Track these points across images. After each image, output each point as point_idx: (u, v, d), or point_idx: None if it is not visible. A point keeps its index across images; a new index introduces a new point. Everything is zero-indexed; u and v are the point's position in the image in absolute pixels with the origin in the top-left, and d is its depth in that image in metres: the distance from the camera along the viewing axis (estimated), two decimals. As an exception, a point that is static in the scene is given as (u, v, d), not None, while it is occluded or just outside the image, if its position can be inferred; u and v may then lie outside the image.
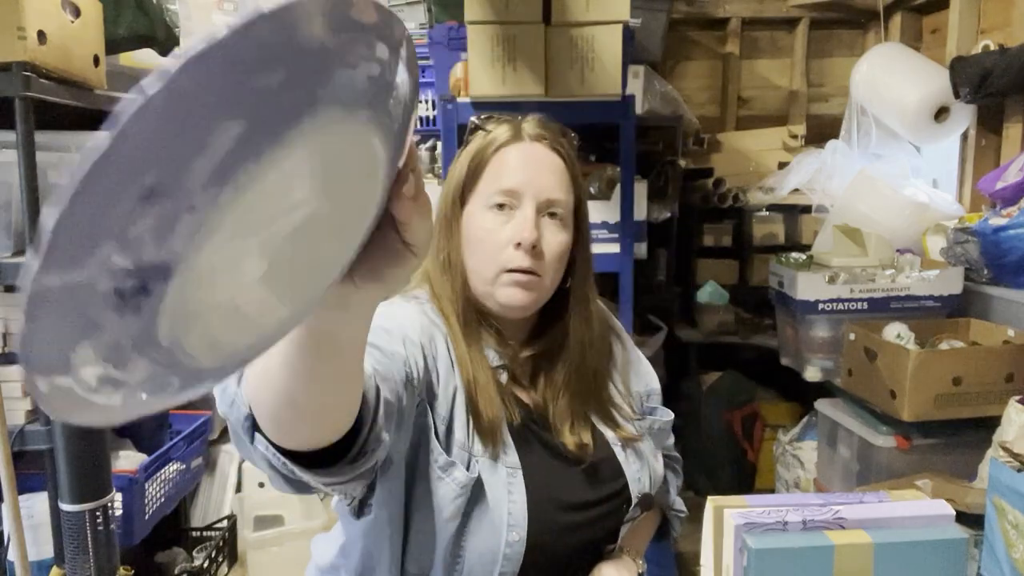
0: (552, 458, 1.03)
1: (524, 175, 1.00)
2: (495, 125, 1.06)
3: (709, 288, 3.34)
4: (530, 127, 1.05)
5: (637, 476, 1.08)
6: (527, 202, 1.00)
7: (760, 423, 3.30)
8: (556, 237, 1.02)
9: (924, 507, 0.89)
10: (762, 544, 0.84)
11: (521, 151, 1.02)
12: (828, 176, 3.14)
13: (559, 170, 1.03)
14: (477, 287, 1.03)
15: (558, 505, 1.01)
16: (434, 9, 2.29)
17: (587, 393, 1.08)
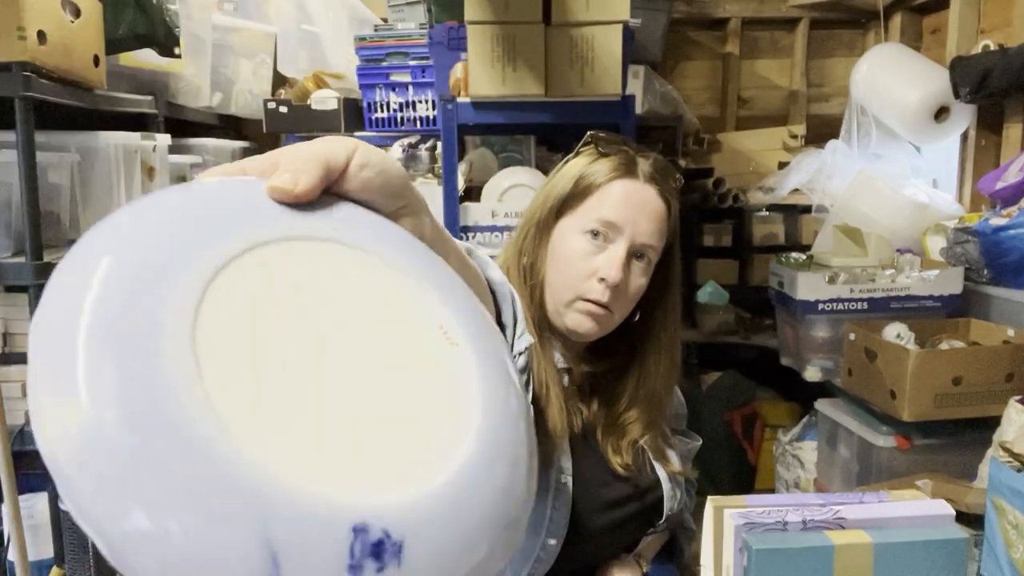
0: (600, 469, 1.04)
1: (628, 213, 1.01)
2: (609, 148, 1.05)
3: (709, 288, 3.34)
4: (646, 166, 1.05)
5: (672, 494, 1.10)
6: (622, 240, 1.01)
7: (760, 423, 3.30)
8: (638, 280, 1.04)
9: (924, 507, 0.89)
10: (762, 544, 0.84)
11: (632, 188, 1.03)
12: (828, 176, 3.14)
13: (661, 218, 1.04)
14: (550, 302, 1.05)
15: (599, 519, 1.02)
16: (434, 9, 2.29)
17: (645, 422, 1.08)
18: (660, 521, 1.09)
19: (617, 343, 1.10)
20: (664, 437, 1.12)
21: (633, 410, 1.08)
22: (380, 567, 0.35)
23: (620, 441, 1.06)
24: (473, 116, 1.98)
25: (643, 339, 1.10)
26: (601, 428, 1.07)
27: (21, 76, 1.69)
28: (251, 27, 3.02)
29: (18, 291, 1.79)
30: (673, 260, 1.09)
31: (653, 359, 1.09)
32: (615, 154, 1.04)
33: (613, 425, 1.07)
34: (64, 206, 1.99)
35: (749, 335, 3.33)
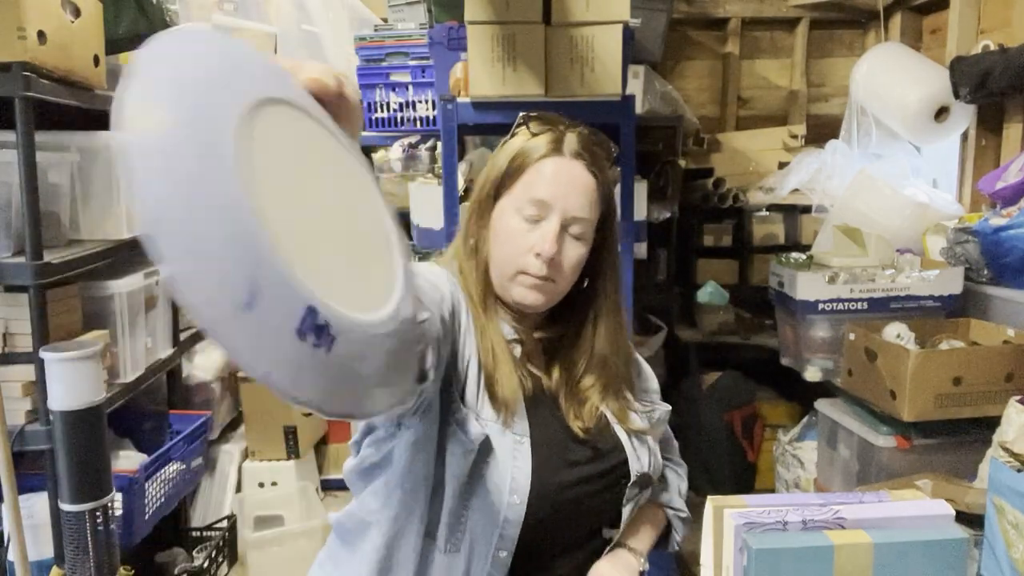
0: (560, 431, 1.09)
1: (556, 190, 1.07)
2: (541, 127, 1.11)
3: (709, 288, 3.34)
4: (572, 143, 1.10)
5: (638, 457, 1.13)
6: (554, 216, 1.07)
7: (760, 423, 3.30)
8: (574, 251, 1.09)
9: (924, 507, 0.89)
10: (762, 544, 0.84)
11: (558, 166, 1.08)
12: (828, 176, 3.14)
13: (590, 190, 1.09)
14: (496, 278, 1.11)
15: (560, 476, 1.06)
16: (434, 9, 2.29)
17: (602, 385, 1.14)
18: (629, 483, 1.11)
19: (570, 310, 1.16)
20: (625, 401, 1.17)
21: (589, 376, 1.14)
22: (317, 343, 0.53)
23: (581, 408, 1.12)
24: (473, 116, 1.98)
25: (590, 306, 1.16)
26: (563, 394, 1.13)
27: (21, 76, 1.69)
28: (251, 27, 3.02)
29: (18, 291, 1.79)
30: (611, 228, 1.15)
31: (601, 324, 1.15)
32: (546, 132, 1.10)
33: (573, 391, 1.13)
34: (64, 206, 1.99)
35: (749, 335, 3.33)
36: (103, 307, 2.06)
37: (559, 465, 1.06)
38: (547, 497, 1.03)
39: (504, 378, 1.04)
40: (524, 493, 1.02)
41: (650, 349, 3.13)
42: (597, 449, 1.10)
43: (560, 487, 1.05)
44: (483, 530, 1.02)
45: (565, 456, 1.07)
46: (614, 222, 1.16)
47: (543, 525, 1.04)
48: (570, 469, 1.07)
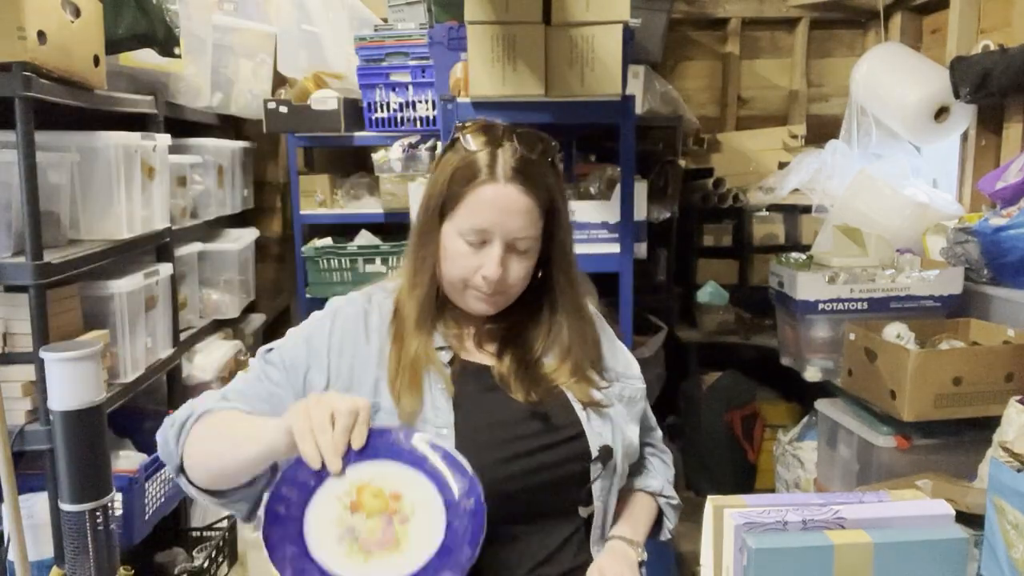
0: (504, 412, 1.13)
1: (496, 217, 1.10)
2: (477, 141, 1.12)
3: (709, 288, 3.34)
4: (506, 164, 1.10)
5: (598, 432, 1.15)
6: (496, 241, 1.11)
7: (760, 423, 3.30)
8: (521, 265, 1.14)
9: (924, 507, 0.89)
10: (762, 544, 0.84)
11: (495, 193, 1.10)
12: (828, 176, 3.14)
13: (528, 210, 1.11)
14: (447, 289, 1.17)
15: (495, 454, 1.09)
16: (434, 9, 2.29)
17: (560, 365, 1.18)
18: (594, 458, 1.13)
19: (524, 298, 1.20)
20: (588, 381, 1.19)
21: (547, 357, 1.19)
22: None
23: (536, 386, 1.15)
24: (473, 116, 1.98)
25: (545, 294, 1.20)
26: (516, 376, 1.16)
27: (21, 76, 1.69)
28: (251, 27, 3.02)
29: (18, 291, 1.79)
30: (558, 221, 1.17)
31: (559, 309, 1.19)
32: (481, 149, 1.11)
33: (528, 372, 1.17)
34: (64, 206, 1.99)
35: (749, 335, 3.33)
36: (103, 307, 2.06)
37: (493, 444, 1.10)
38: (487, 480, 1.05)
39: (405, 390, 1.10)
40: None
41: (650, 349, 3.13)
42: (549, 423, 1.13)
43: (495, 464, 1.08)
44: None
45: (505, 435, 1.11)
46: (561, 215, 1.18)
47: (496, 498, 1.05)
48: (510, 445, 1.10)
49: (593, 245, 2.06)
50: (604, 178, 2.32)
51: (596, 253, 2.05)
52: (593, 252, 2.05)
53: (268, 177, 3.49)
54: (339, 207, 3.06)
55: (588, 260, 2.07)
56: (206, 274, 2.87)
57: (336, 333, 1.15)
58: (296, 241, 3.02)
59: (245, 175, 3.22)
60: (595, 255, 2.05)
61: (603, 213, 2.06)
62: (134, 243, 2.17)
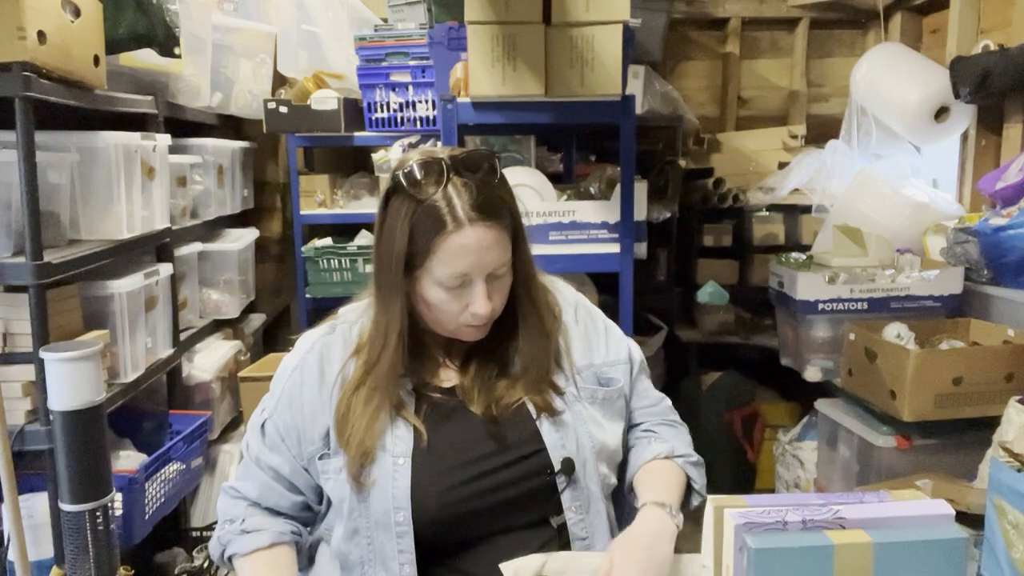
0: (463, 434, 1.14)
1: (471, 260, 1.08)
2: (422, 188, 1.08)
3: (709, 288, 3.34)
4: (464, 205, 1.07)
5: (561, 443, 1.14)
6: (478, 280, 1.10)
7: (760, 423, 3.30)
8: (502, 289, 1.14)
9: (924, 507, 0.89)
10: (762, 544, 0.84)
11: (464, 238, 1.07)
12: (828, 176, 3.14)
13: (499, 241, 1.10)
14: (434, 329, 1.17)
15: (451, 478, 1.11)
16: (434, 9, 2.29)
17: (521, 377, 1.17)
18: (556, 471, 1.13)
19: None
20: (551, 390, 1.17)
21: (512, 368, 1.18)
22: None
23: (498, 403, 1.15)
24: (473, 116, 1.98)
25: (513, 310, 1.19)
26: (477, 390, 1.16)
27: (21, 76, 1.69)
28: (251, 27, 3.02)
29: (18, 291, 1.79)
30: (519, 229, 1.15)
31: (521, 320, 1.18)
32: (430, 196, 1.07)
33: (489, 385, 1.17)
34: (64, 206, 1.99)
35: (749, 335, 3.32)
36: (103, 307, 2.06)
37: (454, 468, 1.11)
38: (435, 501, 1.10)
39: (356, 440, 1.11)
40: (407, 511, 1.09)
41: (650, 349, 3.13)
42: (508, 440, 1.13)
43: (456, 487, 1.10)
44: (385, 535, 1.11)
45: (465, 457, 1.12)
46: (519, 225, 1.16)
47: (452, 525, 1.11)
48: (471, 466, 1.11)
49: (593, 245, 2.06)
50: (604, 178, 2.32)
51: (596, 253, 2.05)
52: (593, 252, 2.05)
53: (268, 177, 3.49)
54: (339, 207, 3.06)
55: (588, 260, 2.07)
56: (206, 274, 2.87)
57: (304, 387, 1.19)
58: (296, 241, 3.02)
59: (245, 175, 3.22)
60: (595, 255, 2.05)
61: (603, 213, 2.06)
62: (134, 243, 2.17)
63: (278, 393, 1.21)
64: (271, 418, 1.20)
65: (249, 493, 1.20)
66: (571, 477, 1.14)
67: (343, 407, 1.14)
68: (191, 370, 2.67)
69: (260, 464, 1.20)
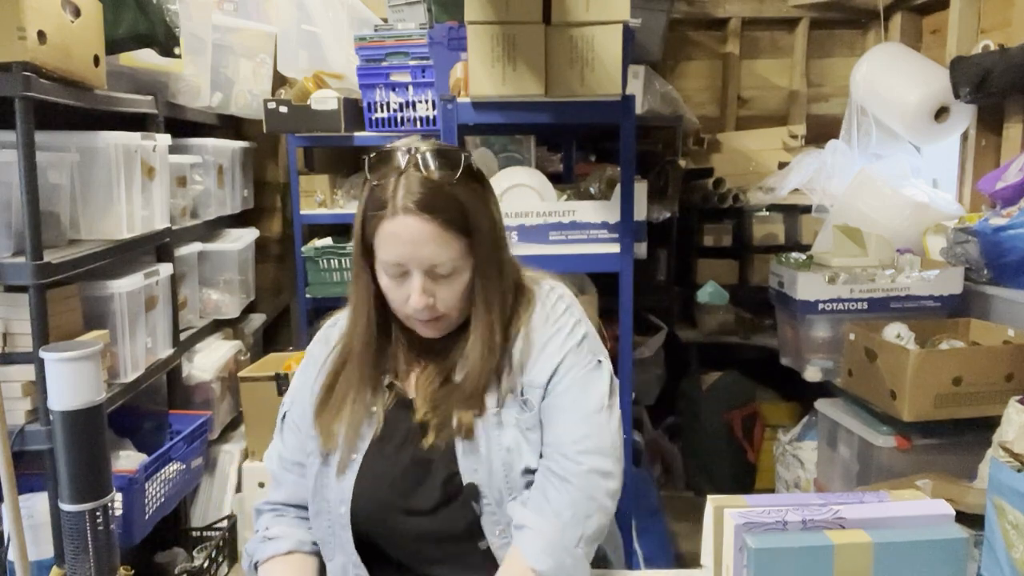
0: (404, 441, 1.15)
1: (403, 250, 1.07)
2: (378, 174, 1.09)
3: (709, 288, 3.34)
4: (402, 195, 1.06)
5: (472, 468, 1.12)
6: (414, 271, 1.09)
7: (760, 423, 3.30)
8: (449, 289, 1.11)
9: (924, 507, 0.89)
10: (762, 544, 0.84)
11: (396, 227, 1.07)
12: (828, 176, 3.14)
13: (434, 237, 1.07)
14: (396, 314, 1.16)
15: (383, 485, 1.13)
16: (434, 9, 2.29)
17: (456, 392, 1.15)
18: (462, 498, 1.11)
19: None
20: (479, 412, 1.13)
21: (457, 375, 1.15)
22: None
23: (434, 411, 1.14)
24: (473, 116, 1.98)
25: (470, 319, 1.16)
26: (421, 396, 1.16)
27: (21, 76, 1.69)
28: (251, 27, 3.02)
29: (18, 291, 1.79)
30: (480, 235, 1.11)
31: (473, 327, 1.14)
32: (381, 181, 1.08)
33: (437, 391, 1.16)
34: (64, 206, 1.99)
35: (749, 335, 3.33)
36: (103, 307, 2.06)
37: (383, 477, 1.13)
38: (369, 504, 1.12)
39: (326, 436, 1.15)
40: (347, 503, 1.13)
41: (650, 349, 3.14)
42: (431, 456, 1.13)
43: (382, 498, 1.12)
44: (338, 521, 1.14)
45: (394, 470, 1.13)
46: (482, 230, 1.11)
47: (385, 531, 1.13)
48: (396, 481, 1.13)
49: (593, 245, 2.06)
50: (604, 178, 2.32)
51: (596, 253, 2.05)
52: (593, 252, 2.05)
53: (268, 177, 3.49)
54: (339, 207, 3.06)
55: (588, 260, 2.07)
56: (206, 274, 2.87)
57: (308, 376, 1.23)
58: (296, 241, 3.02)
59: (245, 175, 3.22)
60: (595, 255, 2.05)
61: (603, 213, 2.06)
62: (134, 243, 2.17)
63: (292, 386, 1.27)
64: (289, 411, 1.25)
65: (278, 498, 1.24)
66: (479, 504, 1.10)
67: (322, 392, 1.18)
68: (191, 370, 2.67)
69: (284, 464, 1.23)
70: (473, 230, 1.10)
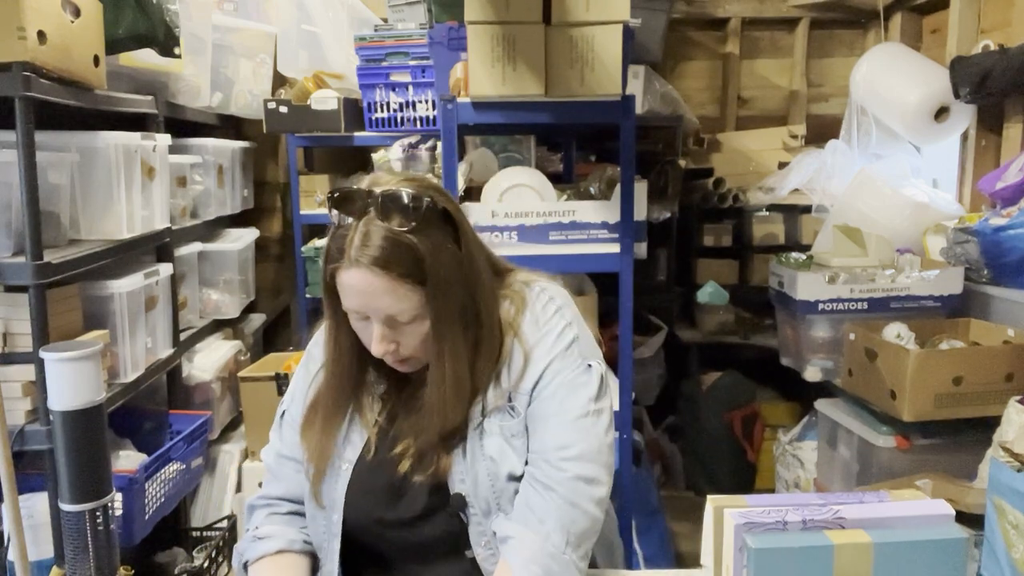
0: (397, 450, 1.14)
1: (359, 300, 1.06)
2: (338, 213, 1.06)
3: (709, 288, 3.34)
4: (359, 245, 1.02)
5: (460, 478, 1.11)
6: (374, 320, 1.08)
7: (760, 423, 3.30)
8: (412, 335, 1.09)
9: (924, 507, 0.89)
10: (762, 544, 0.84)
11: (350, 279, 1.04)
12: (828, 176, 3.14)
13: (387, 290, 1.04)
14: None
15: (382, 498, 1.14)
16: (434, 9, 2.29)
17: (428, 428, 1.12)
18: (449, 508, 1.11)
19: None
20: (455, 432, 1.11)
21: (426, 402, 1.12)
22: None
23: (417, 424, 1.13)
24: (473, 116, 1.98)
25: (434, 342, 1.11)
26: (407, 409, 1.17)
27: (21, 76, 1.69)
28: (251, 27, 3.02)
29: (18, 291, 1.78)
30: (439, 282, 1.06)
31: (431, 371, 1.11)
32: (339, 229, 1.05)
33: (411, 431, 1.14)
34: (64, 206, 1.99)
35: (749, 335, 3.33)
36: (103, 307, 2.06)
37: (376, 485, 1.14)
38: (360, 513, 1.13)
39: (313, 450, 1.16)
40: (340, 511, 1.14)
41: (650, 349, 3.14)
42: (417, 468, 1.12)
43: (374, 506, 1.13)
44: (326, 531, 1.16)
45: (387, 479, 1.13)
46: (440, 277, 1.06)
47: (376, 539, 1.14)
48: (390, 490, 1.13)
49: (593, 245, 2.06)
50: (604, 178, 2.32)
51: (596, 253, 2.05)
52: (593, 252, 2.05)
53: (268, 177, 3.49)
54: (339, 207, 3.05)
55: (588, 260, 2.07)
56: (206, 274, 2.87)
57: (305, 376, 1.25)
58: (296, 241, 3.02)
59: (245, 175, 3.22)
60: (595, 255, 2.05)
61: (603, 213, 2.06)
62: (134, 243, 2.17)
63: (292, 384, 1.28)
64: (288, 408, 1.25)
65: (274, 492, 1.23)
66: (466, 513, 1.10)
67: (308, 414, 1.19)
68: (191, 370, 2.67)
69: (282, 459, 1.24)
70: (431, 278, 1.05)
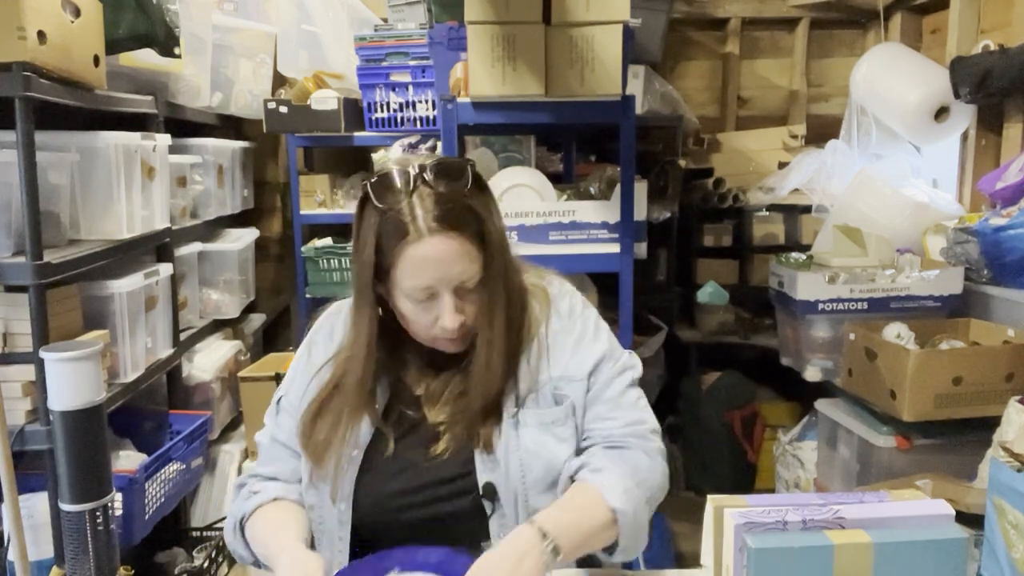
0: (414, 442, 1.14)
1: (433, 272, 1.05)
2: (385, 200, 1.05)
3: (709, 288, 3.34)
4: (423, 215, 1.03)
5: (490, 468, 1.11)
6: (444, 293, 1.07)
7: (760, 423, 3.30)
8: (475, 301, 1.10)
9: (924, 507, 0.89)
10: (762, 544, 0.84)
11: (423, 250, 1.04)
12: (828, 176, 3.14)
13: (463, 253, 1.05)
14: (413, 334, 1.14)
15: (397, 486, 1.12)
16: (434, 9, 2.29)
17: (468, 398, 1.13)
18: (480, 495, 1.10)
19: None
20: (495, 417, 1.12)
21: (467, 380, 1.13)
22: None
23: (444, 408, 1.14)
24: (473, 116, 1.98)
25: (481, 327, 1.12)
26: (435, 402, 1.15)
27: (21, 76, 1.69)
28: (251, 27, 3.02)
29: (18, 291, 1.78)
30: (490, 240, 1.09)
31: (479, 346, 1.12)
32: (394, 206, 1.04)
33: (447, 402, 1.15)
34: (64, 206, 1.99)
35: (749, 335, 3.33)
36: (103, 307, 2.06)
37: (390, 474, 1.12)
38: (373, 501, 1.12)
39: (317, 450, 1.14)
40: (349, 500, 1.12)
41: (650, 349, 3.13)
42: (444, 457, 1.12)
43: (389, 495, 1.12)
44: (331, 526, 1.14)
45: (403, 466, 1.12)
46: (492, 235, 1.09)
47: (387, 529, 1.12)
48: (406, 477, 1.12)
49: (593, 245, 2.06)
50: (604, 178, 2.32)
51: (596, 253, 2.05)
52: (593, 252, 2.05)
53: (268, 177, 3.49)
54: (339, 207, 3.06)
55: (588, 260, 2.07)
56: (206, 274, 2.87)
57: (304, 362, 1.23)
58: (296, 241, 3.02)
59: (245, 175, 3.22)
60: (595, 255, 2.05)
61: (603, 213, 2.06)
62: (134, 243, 2.17)
63: (289, 371, 1.26)
64: (285, 395, 1.23)
65: (266, 472, 1.21)
66: (495, 503, 1.10)
67: (308, 416, 1.16)
68: (191, 370, 2.67)
69: (276, 443, 1.21)
70: (487, 239, 1.09)
